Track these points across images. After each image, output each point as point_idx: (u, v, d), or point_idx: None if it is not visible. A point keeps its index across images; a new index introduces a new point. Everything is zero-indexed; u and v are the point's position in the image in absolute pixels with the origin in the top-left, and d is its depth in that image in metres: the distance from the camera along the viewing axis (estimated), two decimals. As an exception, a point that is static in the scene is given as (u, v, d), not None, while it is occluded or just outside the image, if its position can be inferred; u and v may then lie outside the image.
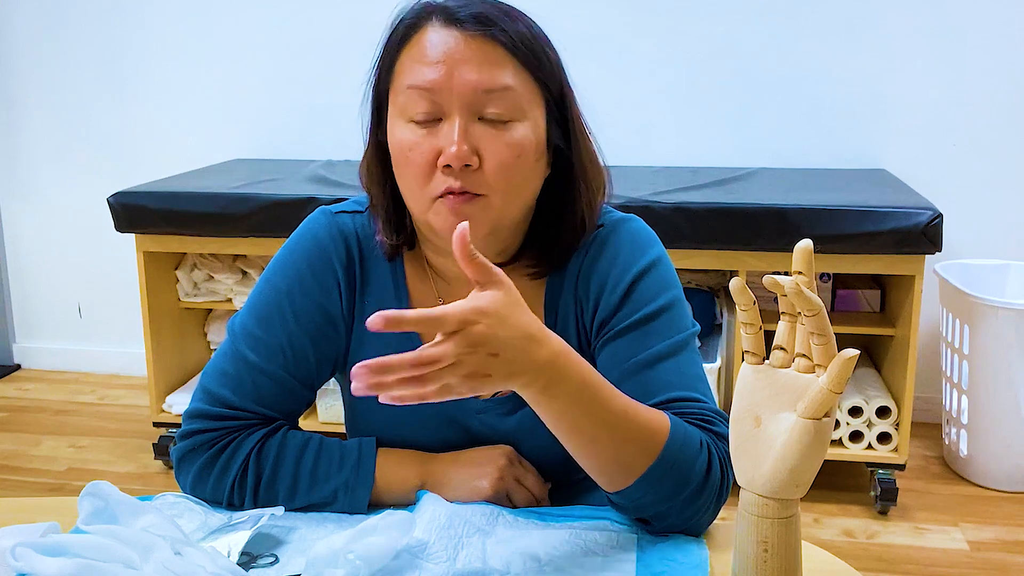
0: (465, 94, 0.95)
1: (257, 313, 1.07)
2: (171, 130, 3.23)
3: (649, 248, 1.07)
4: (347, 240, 1.09)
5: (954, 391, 2.61)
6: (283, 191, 2.49)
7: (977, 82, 2.78)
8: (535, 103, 0.99)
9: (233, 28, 3.12)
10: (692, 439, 0.93)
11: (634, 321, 1.03)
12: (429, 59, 0.95)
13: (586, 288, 1.06)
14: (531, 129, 0.98)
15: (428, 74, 0.95)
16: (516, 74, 0.97)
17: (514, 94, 0.96)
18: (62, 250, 3.41)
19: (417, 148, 0.96)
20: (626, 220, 1.09)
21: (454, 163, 0.94)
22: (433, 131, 0.96)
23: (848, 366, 0.70)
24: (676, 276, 1.08)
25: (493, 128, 0.96)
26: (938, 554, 2.26)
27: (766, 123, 2.90)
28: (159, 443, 2.71)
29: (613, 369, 1.02)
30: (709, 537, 0.96)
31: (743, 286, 0.75)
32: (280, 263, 1.09)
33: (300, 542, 0.95)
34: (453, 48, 0.95)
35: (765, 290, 0.74)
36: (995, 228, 2.83)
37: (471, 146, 0.95)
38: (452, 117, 0.95)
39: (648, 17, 2.89)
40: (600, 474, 0.93)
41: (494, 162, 0.96)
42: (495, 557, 0.90)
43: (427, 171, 0.96)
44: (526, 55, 0.97)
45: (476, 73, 0.95)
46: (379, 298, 1.08)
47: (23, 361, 3.56)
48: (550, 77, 1.00)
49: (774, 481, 0.75)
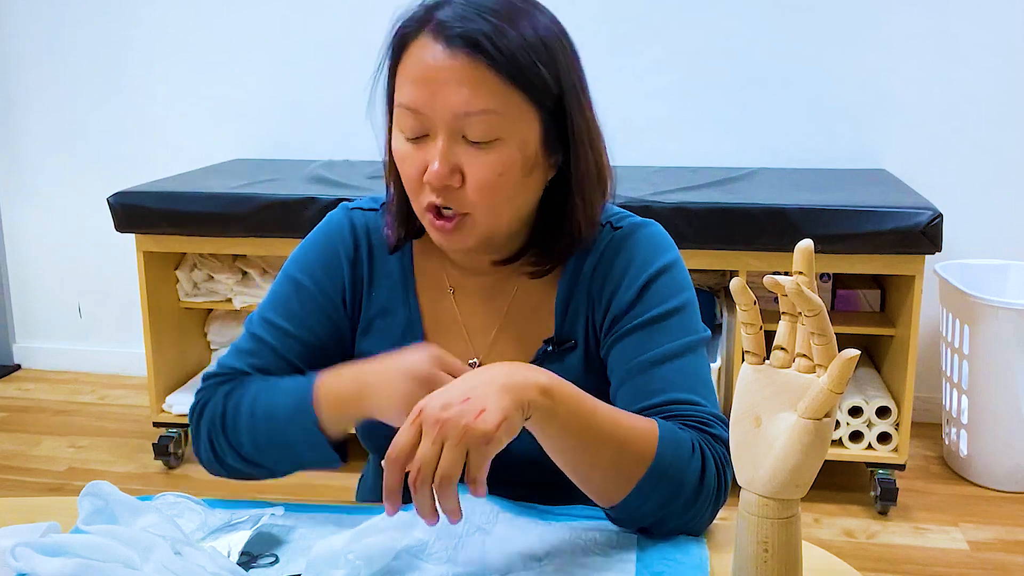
0: (446, 117, 0.95)
1: (272, 301, 1.12)
2: (171, 130, 3.23)
3: (666, 251, 1.09)
4: (356, 234, 1.12)
5: (954, 391, 2.61)
6: (283, 191, 2.49)
7: (977, 82, 2.78)
8: (524, 120, 0.97)
9: (233, 28, 3.12)
10: (683, 444, 0.94)
11: (646, 319, 1.04)
12: (416, 78, 0.96)
13: (600, 287, 1.07)
14: (518, 147, 0.97)
15: (414, 94, 0.96)
16: (501, 94, 0.94)
17: (496, 116, 0.95)
18: (62, 250, 3.41)
19: (409, 160, 0.99)
20: (645, 224, 1.11)
21: (434, 182, 0.96)
22: (422, 146, 0.97)
23: (848, 366, 0.70)
24: (691, 281, 1.09)
25: (476, 148, 0.96)
26: (938, 554, 2.26)
27: (766, 123, 2.90)
28: (159, 443, 2.71)
29: (621, 365, 1.03)
30: (709, 537, 0.96)
31: (743, 286, 0.75)
32: (295, 255, 1.14)
33: (300, 542, 0.95)
34: (438, 68, 0.94)
35: (765, 290, 0.74)
36: (995, 228, 2.83)
37: (453, 165, 0.96)
38: (436, 137, 0.96)
39: (648, 17, 2.89)
40: (595, 490, 0.93)
41: (475, 181, 0.96)
42: (495, 557, 0.91)
43: (417, 183, 0.99)
44: (515, 74, 0.94)
45: (457, 96, 0.94)
46: (388, 290, 1.11)
47: (23, 361, 3.56)
48: (542, 92, 0.97)
49: (774, 481, 0.75)
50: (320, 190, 2.50)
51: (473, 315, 1.12)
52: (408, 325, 1.11)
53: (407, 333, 1.10)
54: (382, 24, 1.02)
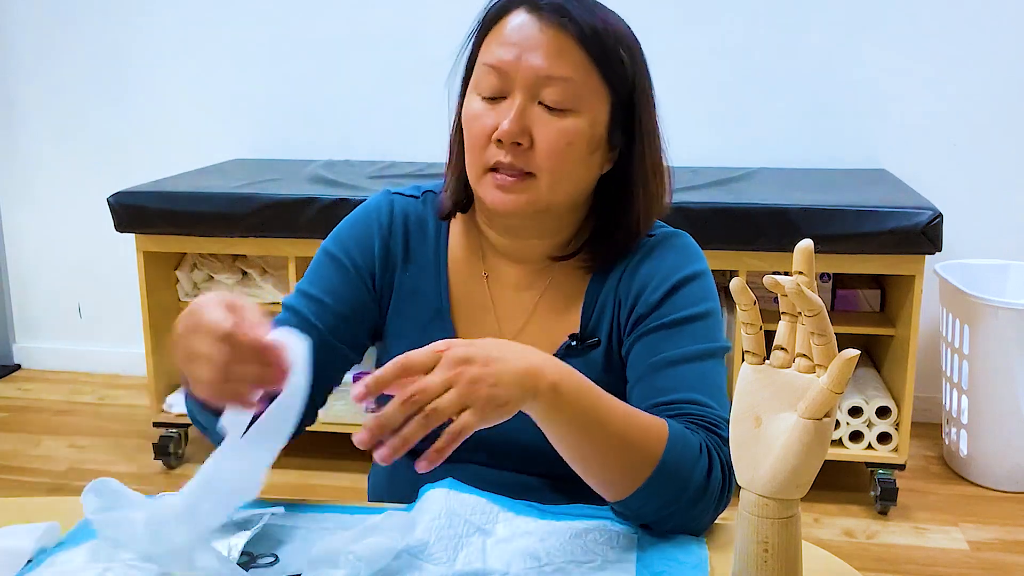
0: (528, 77, 1.00)
1: (308, 275, 1.14)
2: (171, 130, 3.23)
3: (696, 260, 1.11)
4: (393, 216, 1.15)
5: (954, 391, 2.61)
6: (283, 191, 2.49)
7: (977, 82, 2.78)
8: (597, 99, 1.03)
9: (233, 28, 3.12)
10: (691, 444, 0.94)
11: (669, 321, 1.06)
12: (504, 41, 1.02)
13: (628, 287, 1.10)
14: (587, 122, 1.02)
15: (500, 54, 1.01)
16: (581, 67, 1.01)
17: (574, 85, 1.00)
18: (62, 250, 3.41)
19: (480, 120, 1.03)
20: (677, 234, 1.14)
21: (504, 138, 1.00)
22: (497, 107, 1.02)
23: (848, 366, 0.70)
24: (717, 294, 1.11)
25: (549, 113, 1.01)
26: (938, 554, 2.26)
27: (766, 123, 2.90)
28: (159, 443, 2.71)
29: (639, 363, 1.05)
30: (709, 537, 0.96)
31: (743, 286, 0.75)
32: (333, 233, 1.16)
33: (300, 542, 0.95)
34: (527, 33, 1.01)
35: (765, 290, 0.74)
36: (995, 228, 2.83)
37: (524, 126, 1.01)
38: (514, 96, 1.01)
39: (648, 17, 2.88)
40: (603, 484, 0.94)
41: (545, 144, 1.01)
42: (495, 557, 0.90)
43: (483, 142, 1.02)
44: (596, 51, 1.01)
45: (541, 59, 1.00)
46: (420, 272, 1.14)
47: (23, 361, 3.56)
48: (619, 78, 1.04)
49: (774, 481, 0.75)
50: (320, 190, 2.50)
51: (504, 303, 1.14)
52: (438, 307, 1.13)
53: (436, 316, 1.13)
54: (382, 24, 1.03)
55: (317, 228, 2.34)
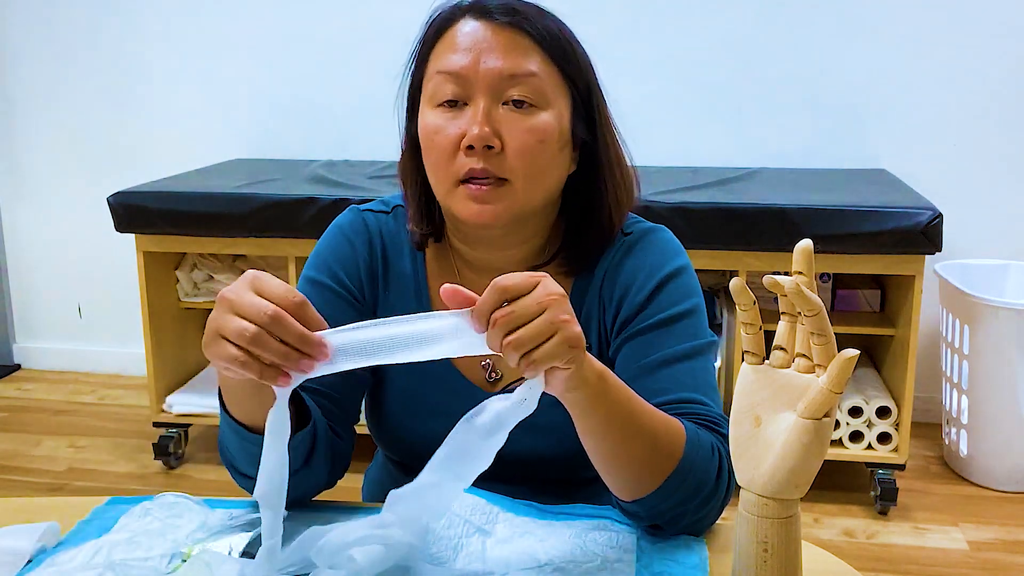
0: (490, 79, 0.98)
1: None
2: (171, 130, 3.23)
3: (676, 256, 1.10)
4: (370, 236, 1.13)
5: (954, 391, 2.61)
6: (283, 191, 2.49)
7: (977, 82, 2.78)
8: (560, 94, 1.02)
9: (233, 28, 3.12)
10: (704, 444, 0.94)
11: (656, 322, 1.05)
12: (458, 47, 1.00)
13: (611, 289, 1.09)
14: (555, 118, 1.01)
15: (456, 60, 0.99)
16: (542, 63, 1.00)
17: (538, 81, 1.00)
18: (62, 250, 3.41)
19: (443, 131, 1.00)
20: (655, 229, 1.13)
21: (476, 144, 0.98)
22: (459, 115, 1.00)
23: (848, 366, 0.70)
24: (699, 287, 1.10)
25: (516, 112, 0.99)
26: (938, 554, 2.26)
27: (766, 123, 2.90)
28: (159, 443, 2.71)
29: (630, 366, 1.04)
30: (709, 537, 0.96)
31: (743, 286, 0.75)
32: (312, 257, 1.14)
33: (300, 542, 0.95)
34: (481, 37, 0.99)
35: (765, 290, 0.74)
36: (995, 228, 2.83)
37: (493, 129, 0.98)
38: (477, 101, 0.99)
39: (648, 17, 2.89)
40: (626, 481, 0.93)
41: (516, 145, 0.99)
42: (495, 557, 0.90)
43: (451, 153, 0.99)
44: (553, 47, 1.01)
45: (502, 59, 0.99)
46: (401, 294, 1.12)
47: (23, 361, 3.56)
48: (576, 72, 1.04)
49: (774, 481, 0.75)
50: (320, 190, 2.50)
51: None
52: None
53: None
54: (382, 24, 1.04)
55: (317, 228, 2.31)
